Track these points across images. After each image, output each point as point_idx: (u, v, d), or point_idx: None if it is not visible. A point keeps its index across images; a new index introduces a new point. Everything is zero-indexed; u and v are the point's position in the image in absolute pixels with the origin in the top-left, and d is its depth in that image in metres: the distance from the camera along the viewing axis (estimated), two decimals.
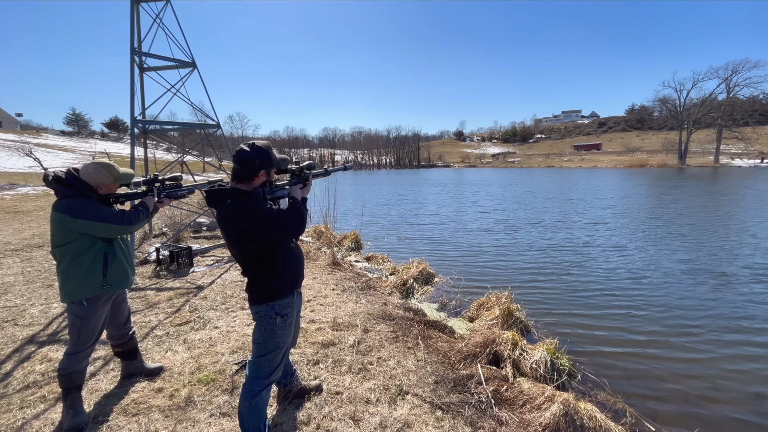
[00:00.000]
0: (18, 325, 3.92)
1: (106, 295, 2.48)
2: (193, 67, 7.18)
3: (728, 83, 58.29)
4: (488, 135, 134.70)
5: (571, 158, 79.66)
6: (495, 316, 4.13)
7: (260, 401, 2.07)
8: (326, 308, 4.36)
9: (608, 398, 3.09)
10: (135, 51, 6.39)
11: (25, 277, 5.55)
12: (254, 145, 1.97)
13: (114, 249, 2.46)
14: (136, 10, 6.55)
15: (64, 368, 2.37)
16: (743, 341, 4.12)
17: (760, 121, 61.33)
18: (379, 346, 3.46)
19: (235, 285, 5.17)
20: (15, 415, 2.49)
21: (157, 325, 3.89)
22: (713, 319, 4.64)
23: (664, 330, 4.40)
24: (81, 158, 37.18)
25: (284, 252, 2.06)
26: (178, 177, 2.75)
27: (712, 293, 5.49)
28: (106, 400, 2.64)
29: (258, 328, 2.08)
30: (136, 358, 2.91)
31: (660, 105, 68.11)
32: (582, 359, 3.69)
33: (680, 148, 58.21)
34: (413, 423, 2.42)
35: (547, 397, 2.69)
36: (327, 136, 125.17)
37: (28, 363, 3.16)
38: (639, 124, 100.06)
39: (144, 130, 7.24)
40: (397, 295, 5.19)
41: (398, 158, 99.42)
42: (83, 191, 2.34)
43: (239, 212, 1.88)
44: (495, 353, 3.35)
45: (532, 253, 8.05)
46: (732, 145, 60.22)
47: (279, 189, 2.14)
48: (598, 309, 5.02)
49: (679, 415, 3.00)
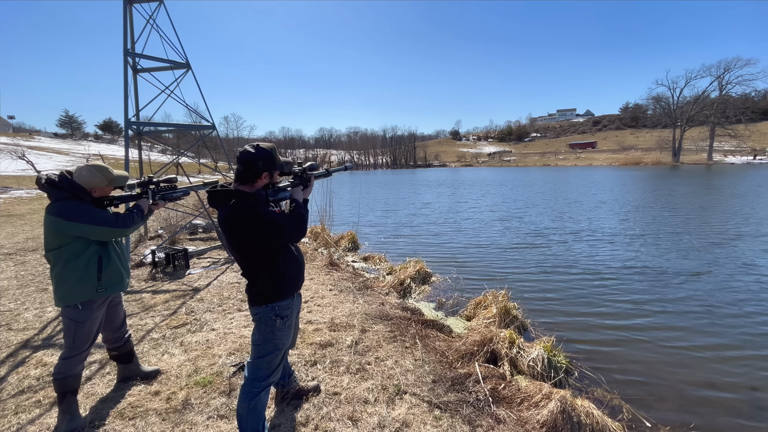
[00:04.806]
0: (12, 329, 3.88)
1: (101, 299, 2.46)
2: (188, 68, 7.14)
3: (720, 81, 58.98)
4: (484, 134, 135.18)
5: (567, 157, 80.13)
6: (492, 314, 4.14)
7: (259, 403, 2.07)
8: (323, 309, 4.35)
9: (605, 395, 3.11)
10: (128, 52, 6.35)
11: (19, 281, 5.50)
12: (258, 147, 1.96)
13: (108, 252, 2.44)
14: (129, 11, 6.50)
15: (60, 372, 2.35)
16: (739, 337, 4.16)
17: (753, 119, 61.98)
18: (377, 346, 3.46)
19: (231, 287, 5.15)
20: (10, 420, 2.46)
21: (153, 328, 3.87)
22: (710, 316, 4.68)
23: (660, 327, 4.43)
24: (75, 161, 36.87)
25: (285, 254, 2.05)
26: (172, 179, 2.74)
27: (708, 290, 5.54)
28: (102, 404, 2.62)
29: (257, 330, 2.07)
30: (132, 362, 2.89)
31: (654, 103, 68.75)
32: (579, 356, 3.71)
33: (674, 146, 58.71)
34: (411, 422, 2.43)
35: (545, 394, 2.70)
36: (323, 137, 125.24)
37: (23, 368, 3.13)
38: (633, 122, 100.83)
39: (138, 131, 7.19)
40: (394, 294, 5.20)
41: (394, 158, 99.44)
42: (77, 194, 2.32)
43: (241, 214, 1.88)
44: (492, 352, 3.36)
45: (529, 251, 8.08)
46: (725, 143, 60.83)
47: (281, 191, 2.12)
48: (594, 307, 5.05)
49: (676, 410, 3.03)
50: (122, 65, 6.24)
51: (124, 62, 6.24)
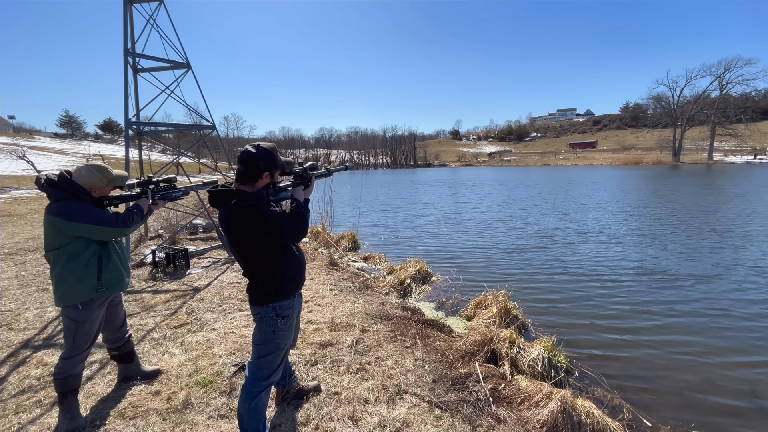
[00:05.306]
0: (13, 329, 3.88)
1: (102, 299, 2.46)
2: (188, 67, 7.14)
3: (721, 81, 58.93)
4: (484, 134, 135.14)
5: (567, 156, 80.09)
6: (492, 314, 4.13)
7: (260, 402, 2.07)
8: (324, 309, 4.35)
9: (605, 395, 3.11)
10: (128, 52, 6.34)
11: (20, 281, 5.50)
12: (259, 147, 1.96)
13: (108, 252, 2.45)
14: (129, 11, 6.50)
15: (60, 372, 2.35)
16: (739, 337, 4.16)
17: (753, 118, 61.92)
18: (377, 345, 3.45)
19: (231, 286, 5.15)
20: (11, 420, 2.46)
21: (153, 328, 3.87)
22: (710, 316, 4.68)
23: (661, 327, 4.43)
24: (75, 161, 36.90)
25: (286, 254, 2.05)
26: (172, 179, 2.74)
27: (709, 290, 5.54)
28: (102, 404, 2.62)
29: (258, 330, 2.07)
30: (132, 362, 2.89)
31: (654, 103, 68.73)
32: (579, 356, 3.71)
33: (674, 146, 58.69)
34: (412, 422, 2.43)
35: (545, 394, 2.70)
36: (323, 137, 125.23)
37: (24, 367, 3.13)
38: (633, 122, 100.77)
39: (138, 131, 7.19)
40: (394, 294, 5.19)
41: (395, 158, 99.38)
42: (76, 194, 2.32)
43: (242, 214, 1.88)
44: (493, 351, 3.36)
45: (529, 251, 8.07)
46: (725, 142, 60.78)
47: (282, 191, 2.12)
48: (594, 306, 5.04)
49: (676, 410, 3.02)
50: (122, 65, 6.24)
51: (125, 62, 6.24)
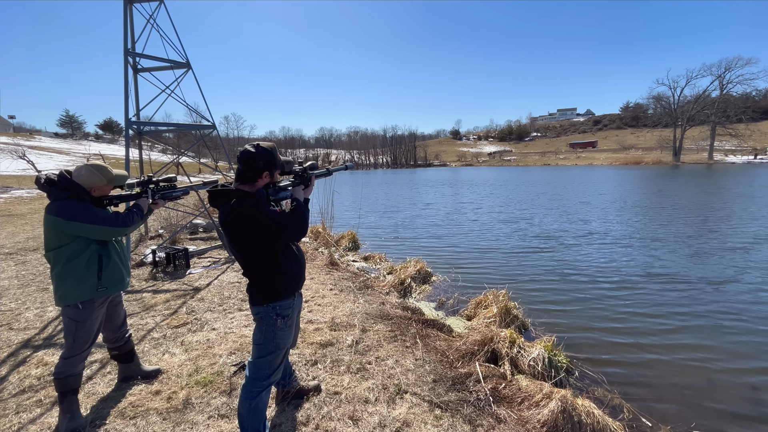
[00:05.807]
0: (13, 329, 3.88)
1: (102, 298, 2.46)
2: (188, 67, 7.14)
3: (721, 80, 58.87)
4: (484, 134, 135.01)
5: (567, 156, 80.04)
6: (493, 314, 4.13)
7: (260, 402, 2.07)
8: (324, 308, 4.35)
9: (606, 394, 3.11)
10: (129, 52, 6.34)
11: (20, 280, 5.50)
12: (259, 146, 1.96)
13: (108, 251, 2.45)
14: (130, 11, 6.50)
15: (60, 372, 2.35)
16: (739, 338, 4.16)
17: (753, 118, 61.79)
18: (378, 345, 3.45)
19: (232, 286, 5.15)
20: (11, 420, 2.47)
21: (153, 328, 3.87)
22: (710, 316, 4.68)
23: (661, 327, 4.42)
24: (75, 160, 36.91)
25: (286, 254, 2.05)
26: (172, 178, 2.74)
27: (710, 290, 5.53)
28: (103, 404, 2.62)
29: (258, 329, 2.07)
30: (132, 361, 2.89)
31: (654, 102, 68.68)
32: (579, 356, 3.71)
33: (675, 146, 58.66)
34: (412, 422, 2.43)
35: (545, 394, 2.70)
36: (323, 136, 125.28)
37: (24, 367, 3.13)
38: (634, 122, 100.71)
39: (138, 131, 7.19)
40: (394, 294, 5.19)
41: (395, 158, 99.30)
42: (76, 193, 2.32)
43: (242, 214, 1.88)
44: (493, 351, 3.36)
45: (529, 251, 8.07)
46: (726, 142, 60.70)
47: (282, 190, 2.12)
48: (595, 306, 5.04)
49: (676, 410, 3.02)
50: (122, 65, 6.23)
51: (125, 62, 6.24)
